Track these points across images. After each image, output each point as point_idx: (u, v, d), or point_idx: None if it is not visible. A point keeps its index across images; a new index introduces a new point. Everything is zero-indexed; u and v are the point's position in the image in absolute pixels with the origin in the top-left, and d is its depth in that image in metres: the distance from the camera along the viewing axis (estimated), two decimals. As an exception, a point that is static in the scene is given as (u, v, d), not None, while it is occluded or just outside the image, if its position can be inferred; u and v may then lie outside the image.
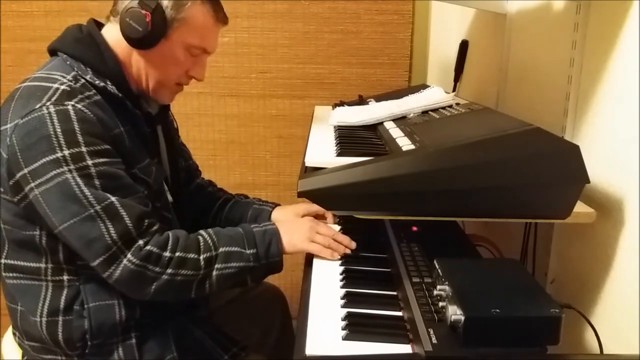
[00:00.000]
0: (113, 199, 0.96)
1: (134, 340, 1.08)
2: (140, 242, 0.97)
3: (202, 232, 1.06)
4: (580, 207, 0.90)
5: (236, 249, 1.03)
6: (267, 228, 1.08)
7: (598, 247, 0.95)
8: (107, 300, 1.05)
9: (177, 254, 0.99)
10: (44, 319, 1.05)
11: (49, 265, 1.04)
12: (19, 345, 1.14)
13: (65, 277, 1.04)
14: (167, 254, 0.98)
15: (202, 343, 1.13)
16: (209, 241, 1.04)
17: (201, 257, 1.01)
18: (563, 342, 0.71)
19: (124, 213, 0.96)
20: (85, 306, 1.04)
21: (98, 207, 0.94)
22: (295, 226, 1.10)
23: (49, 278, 1.04)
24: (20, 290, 1.07)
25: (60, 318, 1.04)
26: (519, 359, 0.73)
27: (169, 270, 0.98)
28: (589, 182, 0.84)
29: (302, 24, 2.09)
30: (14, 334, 1.15)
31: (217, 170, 2.22)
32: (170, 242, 1.00)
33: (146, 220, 0.99)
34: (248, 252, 1.04)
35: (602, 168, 0.94)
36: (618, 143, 0.91)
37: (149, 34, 1.02)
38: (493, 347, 0.71)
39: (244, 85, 2.15)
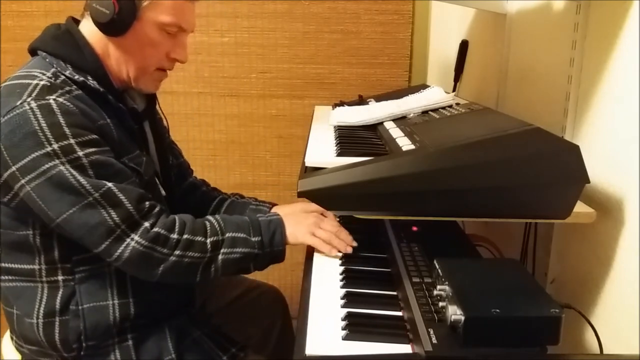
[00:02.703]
0: (110, 184, 0.96)
1: (130, 342, 1.07)
2: (147, 224, 0.98)
3: (209, 217, 1.07)
4: (580, 207, 0.90)
5: (242, 235, 1.05)
6: (272, 218, 1.10)
7: (598, 247, 0.95)
8: (101, 301, 1.04)
9: (185, 236, 1.00)
10: (41, 321, 1.04)
11: (43, 266, 1.03)
12: (17, 349, 1.13)
13: (60, 277, 1.04)
14: (174, 235, 0.99)
15: (201, 344, 1.13)
16: (216, 225, 1.05)
17: (208, 240, 1.02)
18: (563, 342, 0.71)
19: (123, 197, 0.97)
20: (80, 307, 1.03)
21: (96, 195, 0.95)
22: (299, 219, 1.11)
23: (44, 279, 1.04)
24: (15, 293, 1.06)
25: (57, 319, 1.04)
26: (519, 359, 0.73)
27: (177, 252, 0.99)
28: (589, 182, 0.84)
29: (302, 24, 2.09)
30: (12, 337, 1.15)
31: (217, 170, 2.22)
32: (177, 224, 1.01)
33: (146, 202, 1.00)
34: (253, 239, 1.05)
35: (602, 168, 0.94)
36: (618, 143, 0.91)
37: (117, 16, 1.01)
38: (493, 347, 0.71)
39: (244, 85, 2.15)
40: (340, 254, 1.05)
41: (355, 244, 1.07)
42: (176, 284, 1.11)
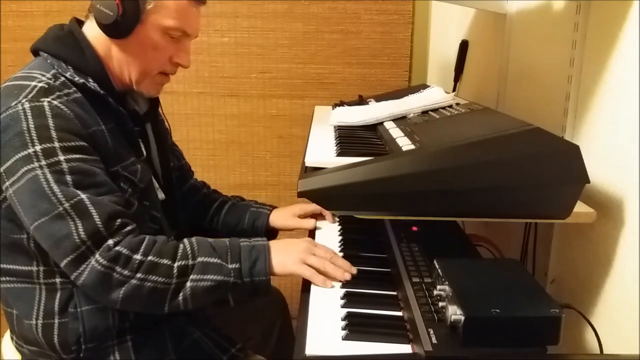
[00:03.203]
0: (83, 196, 0.92)
1: (130, 343, 1.06)
2: (110, 241, 0.92)
3: (184, 239, 1.01)
4: (580, 207, 0.90)
5: (216, 260, 0.97)
6: (256, 244, 1.01)
7: (598, 247, 0.95)
8: (100, 303, 1.03)
9: (149, 258, 0.94)
10: (40, 322, 1.04)
11: (41, 268, 1.02)
12: (17, 349, 1.13)
13: (58, 280, 1.03)
14: (137, 256, 0.93)
15: (201, 344, 1.13)
16: (188, 249, 0.98)
17: (175, 265, 0.95)
18: (563, 342, 0.71)
19: (94, 211, 0.92)
20: (79, 310, 1.03)
21: (67, 205, 0.91)
22: (289, 246, 1.02)
23: (42, 281, 1.03)
24: (14, 294, 1.06)
25: (56, 320, 1.03)
26: (519, 359, 0.73)
27: (138, 275, 0.92)
28: (589, 182, 0.84)
29: (302, 24, 2.09)
30: (12, 337, 1.14)
31: (217, 170, 2.22)
32: (144, 244, 0.95)
33: (118, 220, 0.94)
34: (230, 266, 0.97)
35: (602, 168, 0.94)
36: (618, 143, 0.91)
37: (121, 18, 1.00)
38: (493, 347, 0.71)
39: (244, 85, 2.15)
40: (337, 283, 0.96)
41: (354, 270, 0.98)
42: (144, 313, 1.03)
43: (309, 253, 1.00)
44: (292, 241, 1.05)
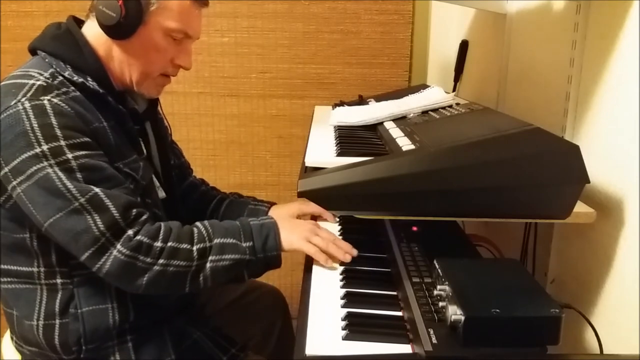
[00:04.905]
0: (97, 190, 0.94)
1: (130, 344, 1.07)
2: (130, 232, 0.95)
3: (197, 223, 1.04)
4: (580, 207, 0.90)
5: (232, 240, 1.01)
6: (264, 222, 1.05)
7: (598, 247, 0.95)
8: (101, 304, 1.04)
9: (169, 244, 0.97)
10: (41, 323, 1.04)
11: (42, 269, 1.03)
12: (17, 349, 1.13)
13: (59, 281, 1.03)
14: (158, 244, 0.96)
15: (201, 344, 1.13)
16: (204, 232, 1.01)
17: (194, 248, 0.98)
18: (563, 342, 0.71)
19: (110, 203, 0.94)
20: (79, 310, 1.03)
21: (82, 200, 0.92)
22: (295, 224, 1.07)
23: (42, 282, 1.03)
24: (14, 295, 1.06)
25: (57, 322, 1.03)
26: (519, 359, 0.73)
27: (161, 261, 0.95)
28: (589, 182, 0.84)
29: (302, 24, 2.09)
30: (12, 338, 1.14)
31: (217, 170, 2.22)
32: (162, 232, 0.98)
33: (134, 210, 0.97)
34: (244, 244, 1.01)
35: (602, 168, 0.94)
36: (618, 143, 0.91)
37: (124, 20, 1.00)
38: (493, 347, 0.71)
39: (244, 85, 2.15)
40: (337, 264, 0.99)
41: (355, 252, 1.01)
42: (165, 294, 1.07)
43: (313, 233, 1.03)
44: (297, 221, 1.10)
